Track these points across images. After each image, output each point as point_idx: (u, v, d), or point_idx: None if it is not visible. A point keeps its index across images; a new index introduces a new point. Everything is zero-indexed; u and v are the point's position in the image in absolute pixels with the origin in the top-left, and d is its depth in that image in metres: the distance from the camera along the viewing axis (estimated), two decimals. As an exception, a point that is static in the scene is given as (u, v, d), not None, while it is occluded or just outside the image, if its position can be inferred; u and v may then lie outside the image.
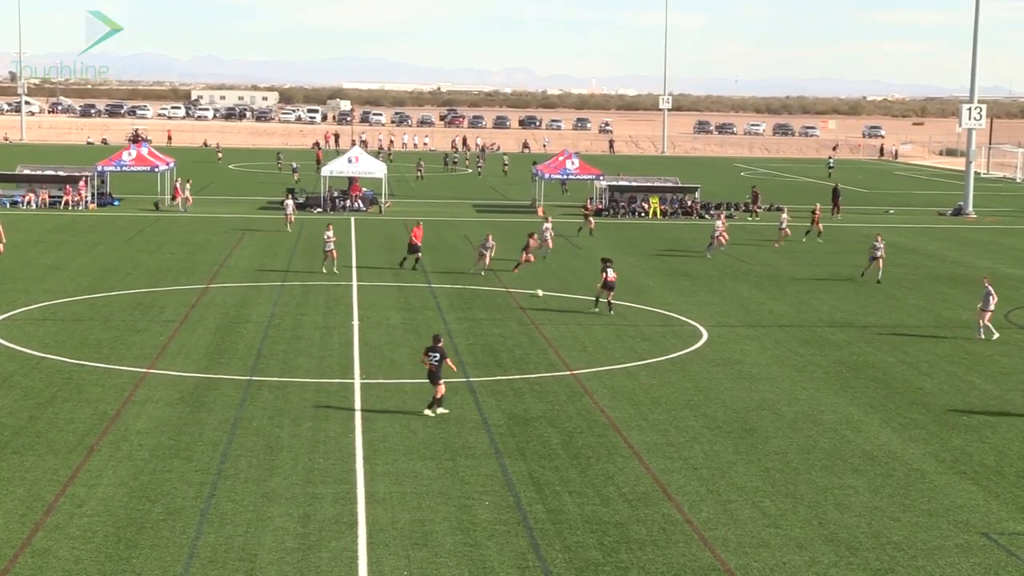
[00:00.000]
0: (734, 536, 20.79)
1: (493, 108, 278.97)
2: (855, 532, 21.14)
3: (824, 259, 57.29)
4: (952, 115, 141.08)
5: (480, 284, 46.66)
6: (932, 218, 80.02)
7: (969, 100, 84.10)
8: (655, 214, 75.73)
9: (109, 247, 55.86)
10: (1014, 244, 65.29)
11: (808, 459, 25.36)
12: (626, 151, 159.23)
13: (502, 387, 30.77)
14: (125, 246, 56.39)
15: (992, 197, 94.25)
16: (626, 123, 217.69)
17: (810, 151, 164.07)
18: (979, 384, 32.51)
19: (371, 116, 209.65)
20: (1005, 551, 20.46)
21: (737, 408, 29.27)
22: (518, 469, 24.16)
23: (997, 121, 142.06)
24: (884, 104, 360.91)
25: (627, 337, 37.54)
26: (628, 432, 26.92)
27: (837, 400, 30.42)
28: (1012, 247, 63.90)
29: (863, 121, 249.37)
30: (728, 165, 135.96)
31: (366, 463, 24.31)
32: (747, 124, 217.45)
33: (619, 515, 21.66)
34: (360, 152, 79.37)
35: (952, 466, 25.13)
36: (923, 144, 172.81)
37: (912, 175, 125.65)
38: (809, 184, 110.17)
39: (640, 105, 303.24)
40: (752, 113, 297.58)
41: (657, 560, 19.65)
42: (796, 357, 35.27)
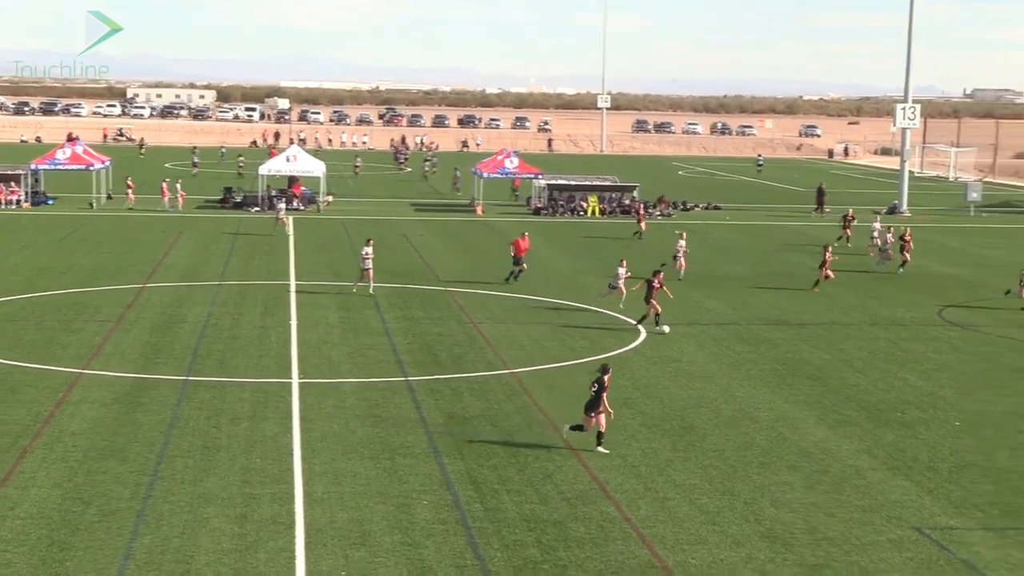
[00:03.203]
0: (672, 533, 20.90)
1: (432, 107, 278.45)
2: (791, 528, 21.31)
3: (760, 258, 57.68)
4: (887, 115, 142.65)
5: (419, 283, 46.57)
6: (867, 217, 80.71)
7: (903, 100, 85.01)
8: (594, 213, 75.92)
9: (43, 246, 55.27)
10: (947, 242, 66.04)
11: (745, 456, 25.53)
12: (565, 150, 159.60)
13: (440, 386, 30.74)
14: (59, 245, 55.82)
15: (926, 196, 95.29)
16: (565, 122, 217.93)
17: (747, 150, 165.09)
18: (912, 381, 32.86)
19: (309, 115, 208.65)
20: (937, 545, 20.70)
21: (675, 406, 29.41)
22: (456, 468, 24.15)
23: (931, 121, 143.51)
24: (820, 103, 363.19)
25: (565, 335, 37.62)
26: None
27: (773, 397, 30.64)
28: (945, 245, 64.63)
29: (799, 120, 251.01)
30: (666, 164, 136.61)
31: (304, 463, 24.21)
32: (685, 123, 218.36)
33: (557, 513, 21.71)
34: (298, 151, 79.06)
35: (886, 462, 25.39)
36: (859, 143, 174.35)
37: (848, 174, 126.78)
38: (741, 183, 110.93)
39: (579, 104, 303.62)
40: (690, 112, 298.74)
41: (595, 558, 19.71)
42: (733, 355, 35.50)
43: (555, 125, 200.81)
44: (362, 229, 63.34)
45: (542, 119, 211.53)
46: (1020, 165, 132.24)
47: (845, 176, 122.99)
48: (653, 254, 57.58)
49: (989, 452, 26.32)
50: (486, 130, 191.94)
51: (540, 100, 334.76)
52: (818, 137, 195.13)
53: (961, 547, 20.66)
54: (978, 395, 31.41)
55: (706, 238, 63.82)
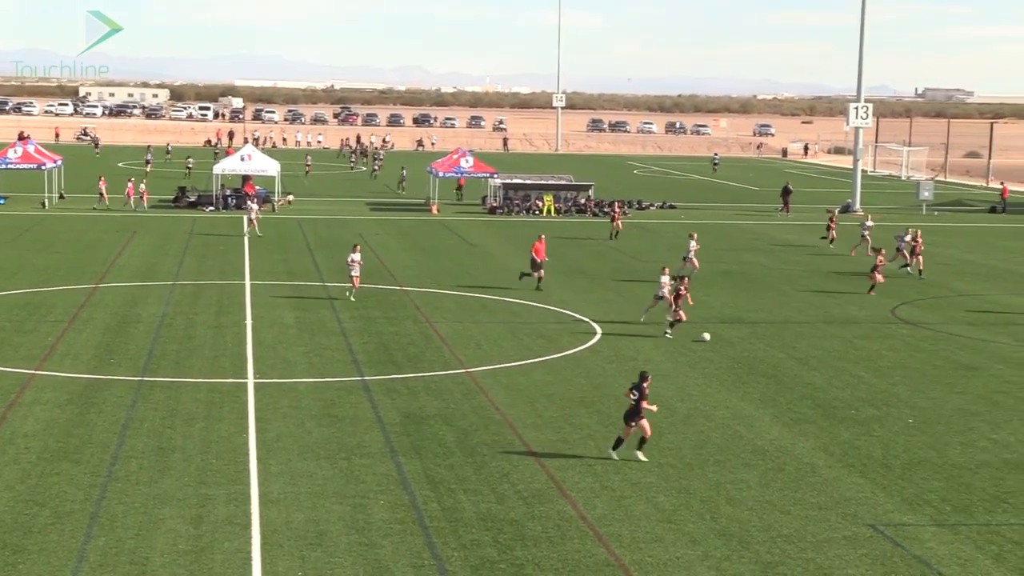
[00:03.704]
0: (628, 532, 20.95)
1: (387, 106, 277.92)
2: (747, 526, 21.41)
3: (712, 256, 57.89)
4: (840, 114, 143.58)
5: (376, 282, 46.46)
6: (821, 215, 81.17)
7: (856, 99, 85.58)
8: (549, 212, 76.00)
9: (-5, 246, 54.77)
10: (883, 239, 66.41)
11: (701, 454, 25.62)
12: (520, 149, 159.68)
13: (397, 385, 30.69)
14: (11, 245, 55.32)
15: (879, 194, 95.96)
16: (520, 121, 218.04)
17: (702, 149, 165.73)
18: (867, 379, 33.08)
19: (264, 114, 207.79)
20: (891, 542, 20.85)
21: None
22: (413, 468, 24.12)
23: (883, 120, 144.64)
24: (774, 103, 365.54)
25: (522, 335, 37.65)
26: (523, 430, 26.99)
27: (729, 396, 30.77)
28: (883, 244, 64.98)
29: (754, 119, 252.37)
30: (621, 163, 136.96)
31: (260, 463, 24.12)
32: (640, 122, 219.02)
33: (514, 512, 21.72)
34: (253, 150, 78.75)
35: (841, 459, 25.54)
36: (812, 142, 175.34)
37: (802, 173, 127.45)
38: (697, 182, 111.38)
39: (534, 103, 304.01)
40: (645, 112, 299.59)
41: (552, 556, 19.74)
42: (689, 354, 35.62)
43: (510, 124, 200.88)
44: (318, 228, 63.20)
45: (497, 118, 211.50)
46: (971, 164, 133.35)
47: (800, 175, 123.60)
48: (630, 255, 57.79)
49: (941, 449, 26.54)
50: (441, 129, 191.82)
51: (495, 99, 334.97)
52: (772, 136, 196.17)
53: (914, 543, 20.82)
54: (930, 392, 31.66)
55: (666, 236, 63.99)
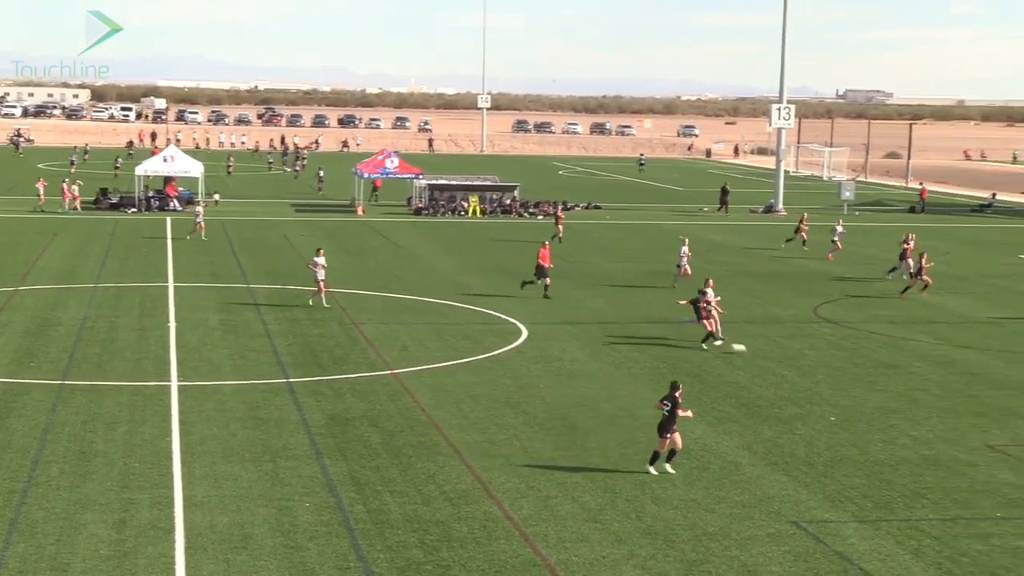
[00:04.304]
0: (554, 531, 21.01)
1: (312, 107, 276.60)
2: (672, 525, 21.54)
3: (639, 255, 58.21)
4: (763, 115, 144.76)
5: (301, 284, 46.21)
6: (744, 215, 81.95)
7: (779, 100, 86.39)
8: (475, 213, 76.01)
9: (-89, 249, 53.87)
10: (822, 240, 67.12)
11: (626, 454, 25.73)
12: (446, 150, 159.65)
13: (322, 387, 30.55)
14: (-72, 248, 54.44)
15: (801, 195, 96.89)
16: (445, 122, 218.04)
17: (627, 150, 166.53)
18: (790, 377, 33.40)
19: (187, 114, 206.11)
20: (814, 538, 21.07)
21: (557, 405, 29.56)
22: (339, 469, 24.03)
23: (805, 121, 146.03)
24: (698, 104, 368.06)
25: (447, 336, 37.63)
26: (449, 431, 26.98)
27: (654, 396, 30.80)
28: (820, 243, 65.69)
29: (678, 120, 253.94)
30: (546, 164, 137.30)
31: (184, 467, 23.91)
32: (565, 123, 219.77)
33: (440, 513, 21.71)
34: (176, 151, 78.06)
35: (764, 458, 25.78)
36: (741, 142, 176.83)
37: (725, 173, 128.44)
38: (622, 182, 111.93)
39: (459, 104, 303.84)
40: (570, 112, 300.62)
41: (478, 557, 19.75)
42: (614, 354, 35.78)
43: (436, 125, 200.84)
44: (242, 230, 62.79)
45: (423, 119, 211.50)
46: (891, 164, 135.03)
47: (724, 176, 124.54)
48: (556, 255, 57.90)
49: (862, 446, 26.86)
50: (366, 130, 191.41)
51: (421, 100, 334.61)
52: (696, 137, 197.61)
53: (836, 539, 21.06)
54: (852, 390, 32.02)
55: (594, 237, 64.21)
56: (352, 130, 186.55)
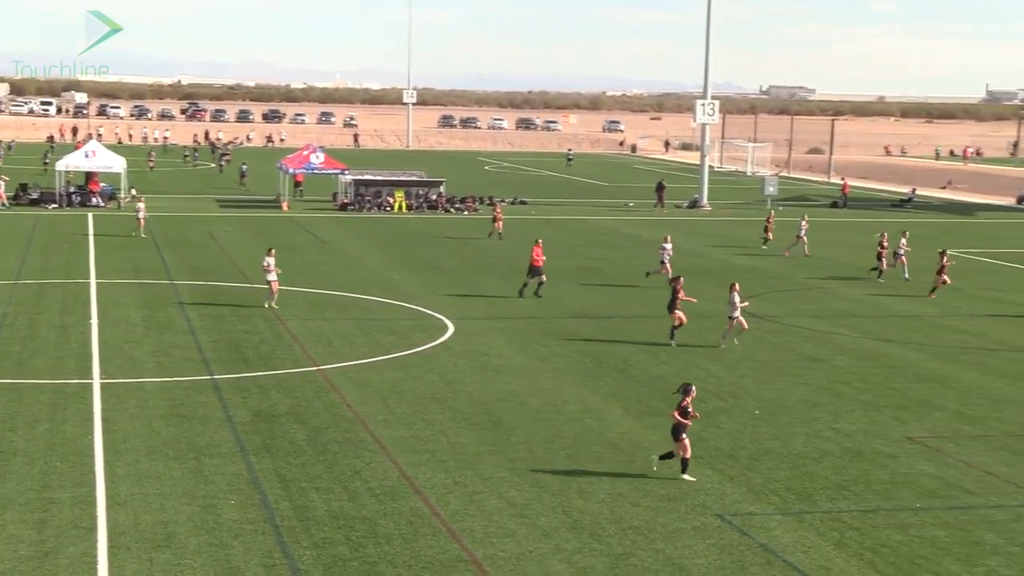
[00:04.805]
0: (480, 527, 21.03)
1: (236, 102, 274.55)
2: (598, 519, 21.63)
3: (565, 251, 58.36)
4: (687, 110, 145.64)
5: (225, 280, 45.87)
6: (669, 210, 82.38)
7: (703, 96, 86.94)
8: (400, 208, 75.84)
9: None
10: (746, 235, 67.72)
11: (552, 448, 25.81)
12: (371, 145, 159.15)
13: (247, 384, 30.35)
14: None
15: (725, 190, 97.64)
16: (371, 117, 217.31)
17: (552, 145, 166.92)
18: (714, 371, 33.65)
19: (108, 109, 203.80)
20: (738, 531, 21.26)
21: (483, 400, 29.58)
22: (264, 466, 23.89)
23: (729, 117, 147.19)
24: (623, 99, 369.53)
25: (373, 331, 37.53)
26: (375, 427, 26.92)
27: (580, 390, 31.05)
28: (744, 238, 66.28)
29: (603, 116, 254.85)
30: (472, 159, 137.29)
31: (106, 465, 23.66)
32: (491, 118, 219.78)
33: (366, 510, 21.66)
34: (97, 146, 77.18)
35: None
36: (660, 138, 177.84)
37: (651, 168, 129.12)
38: (549, 178, 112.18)
39: (385, 99, 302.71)
40: (496, 107, 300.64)
41: (404, 553, 19.72)
42: (540, 348, 35.85)
43: (361, 120, 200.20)
44: (165, 226, 62.18)
45: (348, 114, 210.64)
46: (813, 160, 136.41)
47: (649, 171, 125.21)
48: (481, 251, 57.86)
49: (786, 439, 27.12)
50: (291, 125, 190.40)
51: (346, 95, 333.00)
52: (621, 132, 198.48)
53: (760, 532, 21.26)
54: (776, 384, 32.33)
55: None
56: (277, 125, 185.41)
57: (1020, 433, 28.28)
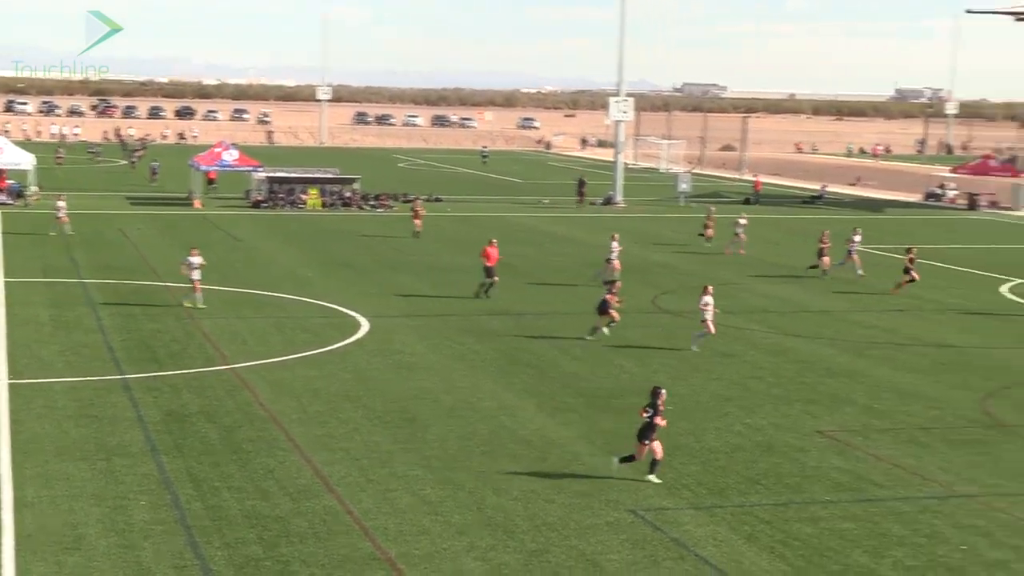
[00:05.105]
0: (394, 525, 20.98)
1: (148, 98, 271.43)
2: (512, 515, 21.66)
3: (478, 248, 58.29)
4: (602, 107, 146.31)
5: (137, 278, 45.34)
6: (584, 207, 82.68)
7: (617, 94, 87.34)
8: (315, 206, 75.40)
9: None
10: (659, 231, 68.19)
11: (467, 446, 25.81)
12: (285, 142, 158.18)
13: (158, 383, 30.03)
14: None
15: (640, 186, 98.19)
16: (285, 114, 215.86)
17: (467, 142, 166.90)
18: (628, 367, 33.83)
19: (15, 105, 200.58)
20: (651, 526, 21.39)
21: (397, 398, 29.51)
22: (176, 466, 23.66)
23: (643, 114, 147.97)
24: (538, 96, 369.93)
25: (287, 329, 37.30)
26: (288, 425, 26.76)
27: (494, 387, 31.07)
28: (658, 234, 66.71)
29: (518, 113, 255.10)
30: (387, 156, 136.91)
31: (14, 466, 23.29)
32: (405, 115, 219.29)
33: (279, 509, 21.52)
34: (5, 142, 75.92)
35: (603, 447, 26.04)
36: (575, 136, 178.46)
37: (565, 166, 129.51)
38: (464, 175, 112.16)
39: (299, 96, 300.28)
40: (411, 105, 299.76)
41: (318, 552, 19.63)
42: (454, 346, 35.83)
43: (275, 117, 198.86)
44: (75, 223, 61.27)
45: (262, 111, 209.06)
46: (726, 157, 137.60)
47: (564, 168, 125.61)
48: (396, 248, 57.67)
49: (698, 434, 27.33)
50: (204, 122, 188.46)
51: (260, 92, 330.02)
52: (536, 129, 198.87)
53: (673, 526, 21.42)
54: (689, 379, 32.56)
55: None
56: (189, 122, 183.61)
57: (927, 426, 28.75)
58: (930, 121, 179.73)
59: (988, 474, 25.16)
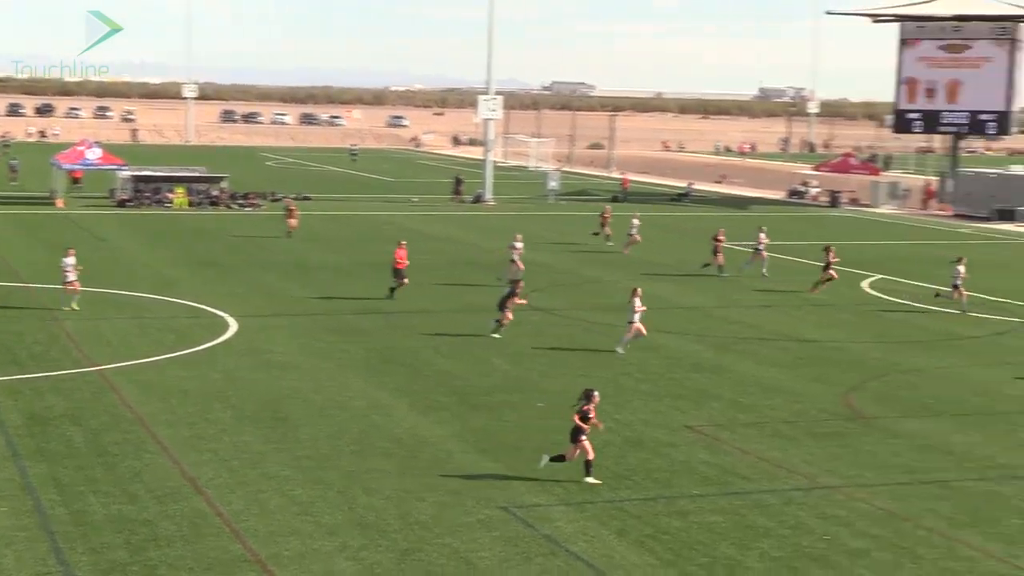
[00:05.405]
0: (264, 526, 20.80)
1: (7, 95, 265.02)
2: (384, 515, 21.62)
3: (351, 247, 58.13)
4: (471, 106, 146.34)
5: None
6: (454, 205, 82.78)
7: (486, 92, 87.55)
8: (181, 204, 74.38)
9: None
10: (529, 229, 68.44)
11: (338, 445, 25.70)
12: (151, 140, 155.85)
13: (20, 386, 29.39)
14: None
15: (509, 184, 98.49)
16: (150, 112, 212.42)
17: (336, 140, 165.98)
18: (500, 365, 33.94)
19: None
20: (523, 523, 21.50)
21: (267, 398, 29.27)
22: (38, 471, 23.18)
23: (513, 112, 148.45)
24: (407, 95, 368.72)
25: (153, 330, 36.77)
26: (156, 427, 26.39)
27: (365, 386, 30.97)
28: (527, 232, 66.87)
29: (387, 111, 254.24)
30: (255, 154, 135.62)
31: None
32: (273, 113, 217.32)
33: (147, 512, 21.21)
34: None
35: (475, 445, 26.12)
36: (445, 134, 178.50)
37: (435, 164, 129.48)
38: (333, 173, 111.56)
39: (164, 94, 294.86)
40: (279, 102, 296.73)
41: (187, 555, 19.39)
42: (325, 345, 35.65)
43: (140, 115, 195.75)
44: None
45: (125, 108, 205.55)
46: (595, 155, 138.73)
47: (434, 167, 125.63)
48: (262, 247, 57.11)
49: (568, 431, 27.46)
50: (65, 119, 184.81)
51: (124, 89, 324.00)
52: (406, 128, 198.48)
53: (544, 523, 21.54)
54: (559, 377, 32.74)
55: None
56: (50, 119, 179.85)
57: (791, 420, 29.31)
58: (793, 120, 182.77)
59: (849, 466, 25.74)
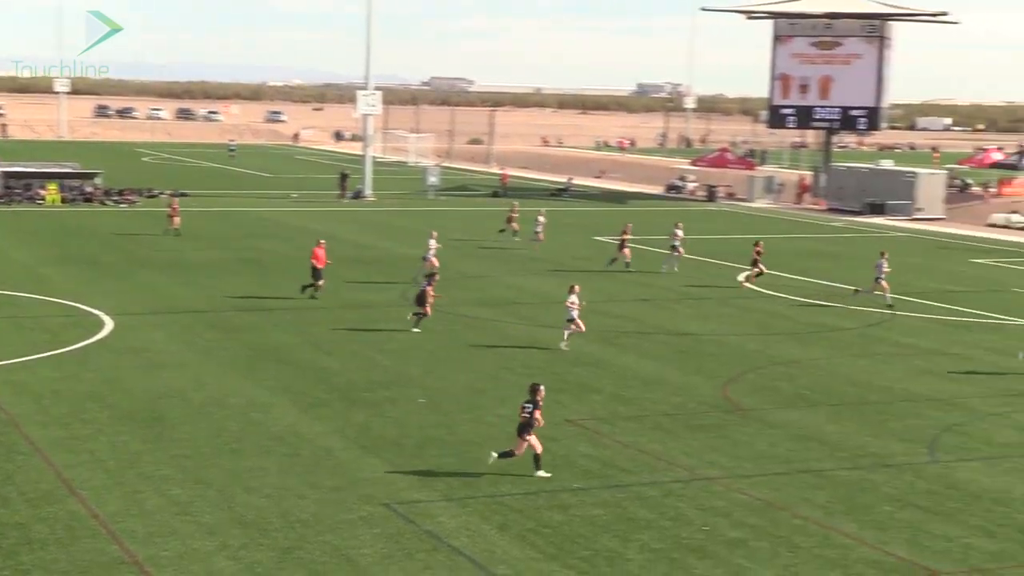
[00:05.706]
0: (142, 527, 20.49)
1: None
2: (264, 513, 21.42)
3: (228, 243, 57.50)
4: (350, 101, 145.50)
5: None
6: (333, 201, 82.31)
7: (365, 87, 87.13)
8: (54, 201, 72.95)
9: None
10: (408, 224, 68.36)
11: (217, 444, 25.41)
12: (21, 135, 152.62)
13: None
14: None
15: (389, 180, 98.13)
16: (20, 106, 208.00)
17: (213, 136, 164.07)
18: (380, 361, 33.82)
19: None
20: (404, 519, 21.45)
21: (144, 397, 28.84)
22: (-93, 475, 22.60)
23: (392, 107, 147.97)
24: (285, 90, 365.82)
25: (26, 329, 36.03)
26: (29, 428, 25.85)
27: (244, 383, 30.66)
28: (407, 228, 66.85)
29: (265, 106, 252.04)
30: (130, 150, 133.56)
31: None
32: (149, 109, 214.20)
33: (19, 515, 20.77)
34: None
35: (356, 441, 26.01)
36: (324, 129, 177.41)
37: (314, 159, 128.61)
38: (210, 169, 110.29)
39: (35, 88, 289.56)
40: (154, 98, 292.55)
41: (61, 559, 19.03)
42: (203, 342, 35.22)
43: (10, 109, 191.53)
44: None
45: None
46: (475, 150, 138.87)
47: (314, 163, 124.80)
48: (138, 244, 56.22)
49: (451, 426, 27.52)
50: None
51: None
52: (284, 123, 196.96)
53: (426, 519, 21.52)
54: (440, 372, 32.75)
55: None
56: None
57: (671, 413, 29.62)
58: (670, 115, 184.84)
59: (727, 457, 26.09)
